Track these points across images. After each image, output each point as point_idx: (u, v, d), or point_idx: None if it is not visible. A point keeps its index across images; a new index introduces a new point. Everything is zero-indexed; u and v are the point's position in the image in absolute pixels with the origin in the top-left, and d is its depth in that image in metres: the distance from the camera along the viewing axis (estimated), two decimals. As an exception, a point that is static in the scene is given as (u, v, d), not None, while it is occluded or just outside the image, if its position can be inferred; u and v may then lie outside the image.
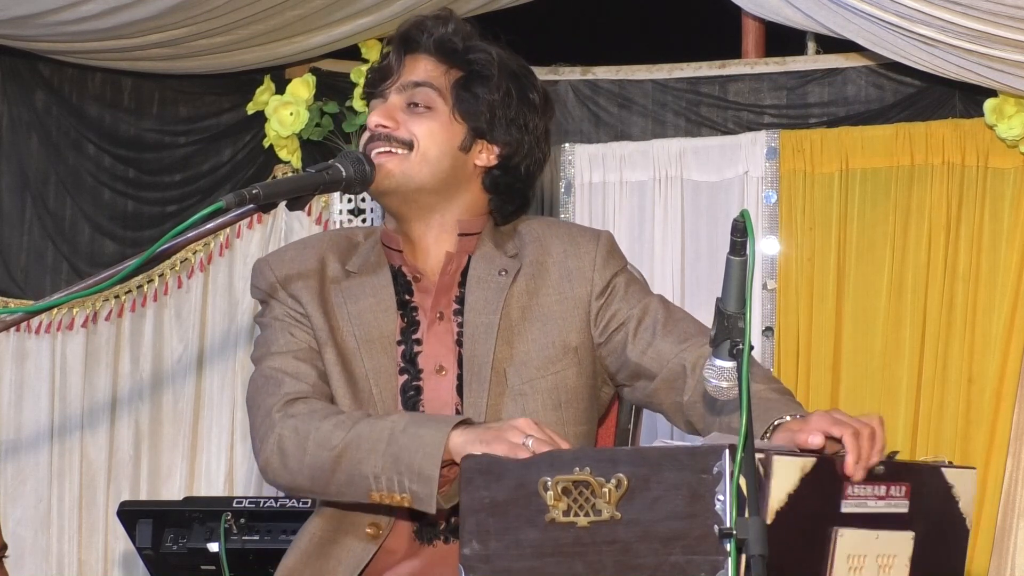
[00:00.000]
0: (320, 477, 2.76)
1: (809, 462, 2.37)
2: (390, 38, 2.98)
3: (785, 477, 2.33)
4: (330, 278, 2.92)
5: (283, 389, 2.84)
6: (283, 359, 2.87)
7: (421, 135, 2.87)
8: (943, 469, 2.59)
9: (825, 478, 2.40)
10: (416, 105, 2.89)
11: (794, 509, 2.33)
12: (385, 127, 2.87)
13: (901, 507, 2.50)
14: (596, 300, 2.90)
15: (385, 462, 2.69)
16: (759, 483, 2.29)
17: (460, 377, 2.85)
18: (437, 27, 2.93)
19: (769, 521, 2.30)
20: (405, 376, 2.86)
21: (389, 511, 2.80)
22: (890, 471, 2.49)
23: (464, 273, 2.91)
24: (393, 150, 2.86)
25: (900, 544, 2.49)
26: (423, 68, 2.91)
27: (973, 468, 2.69)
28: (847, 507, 2.43)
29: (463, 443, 2.62)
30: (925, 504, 2.53)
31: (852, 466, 2.43)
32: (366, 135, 2.90)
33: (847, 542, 2.41)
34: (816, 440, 2.46)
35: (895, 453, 2.54)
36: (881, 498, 2.47)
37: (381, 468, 2.70)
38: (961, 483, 2.61)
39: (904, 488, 2.50)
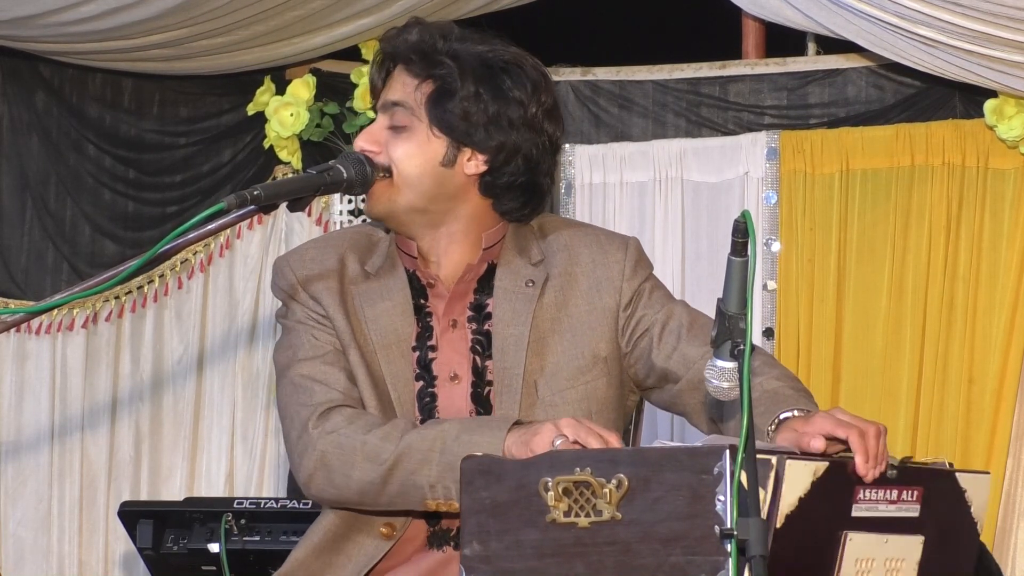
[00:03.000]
0: (370, 491, 2.76)
1: (821, 466, 2.36)
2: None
3: (797, 481, 2.32)
4: (349, 279, 2.91)
5: (315, 399, 2.83)
6: (311, 365, 2.86)
7: (398, 159, 2.85)
8: (957, 474, 2.58)
9: (837, 482, 2.39)
10: (396, 127, 2.88)
11: (804, 513, 2.33)
12: (368, 151, 2.87)
13: (912, 511, 2.50)
14: (624, 311, 2.89)
15: (441, 471, 2.70)
16: (774, 487, 2.29)
17: (474, 385, 2.86)
18: (401, 39, 2.89)
19: (779, 524, 2.29)
20: (421, 383, 2.86)
21: (406, 512, 2.81)
22: (903, 475, 2.48)
23: (480, 281, 2.91)
24: (381, 177, 2.85)
25: (909, 548, 2.49)
26: (399, 85, 2.88)
27: (987, 473, 2.68)
28: (858, 511, 2.42)
29: (510, 445, 2.63)
30: (936, 508, 2.53)
31: (863, 466, 2.42)
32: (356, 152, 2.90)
33: (856, 546, 2.40)
34: (817, 444, 2.46)
35: (909, 458, 2.53)
36: (892, 502, 2.47)
37: (437, 477, 2.70)
38: (974, 488, 2.60)
39: (916, 492, 2.49)
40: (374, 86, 2.92)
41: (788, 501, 2.31)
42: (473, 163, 2.88)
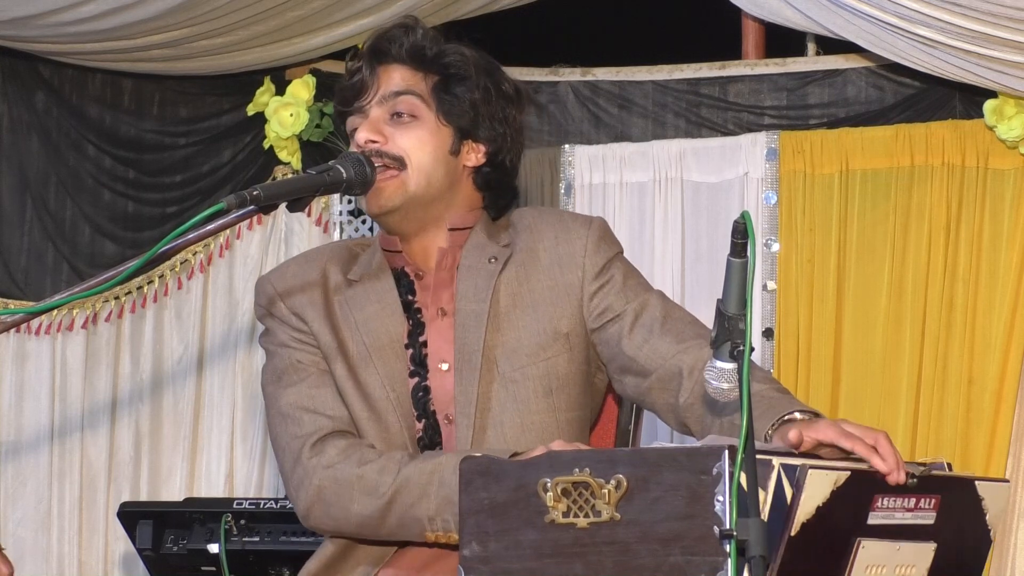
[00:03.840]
0: (369, 524, 2.78)
1: (842, 476, 2.35)
2: (357, 54, 2.96)
3: (817, 490, 2.31)
4: (333, 289, 2.92)
5: (304, 428, 2.84)
6: (296, 392, 2.87)
7: (411, 148, 2.86)
8: (977, 482, 2.57)
9: (856, 491, 2.37)
10: (400, 115, 2.88)
11: (820, 521, 2.32)
12: (374, 142, 2.86)
13: (927, 519, 2.48)
14: (589, 284, 2.88)
15: (439, 504, 2.72)
16: (792, 496, 2.28)
17: None
18: (405, 36, 2.91)
19: (793, 533, 2.29)
20: (415, 378, 2.87)
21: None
22: (923, 483, 2.47)
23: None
24: (387, 165, 2.85)
25: (920, 555, 2.48)
26: (399, 77, 2.89)
27: (1007, 481, 2.67)
28: (874, 519, 2.41)
29: None
30: (952, 516, 2.51)
31: (883, 466, 2.40)
32: (356, 151, 2.89)
33: (868, 553, 2.39)
34: (792, 437, 2.44)
35: (931, 467, 2.52)
36: (909, 510, 2.46)
37: (436, 510, 2.72)
38: (993, 496, 2.58)
39: (934, 500, 2.48)
40: (362, 84, 2.91)
41: (805, 510, 2.30)
42: (473, 155, 2.91)
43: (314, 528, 2.84)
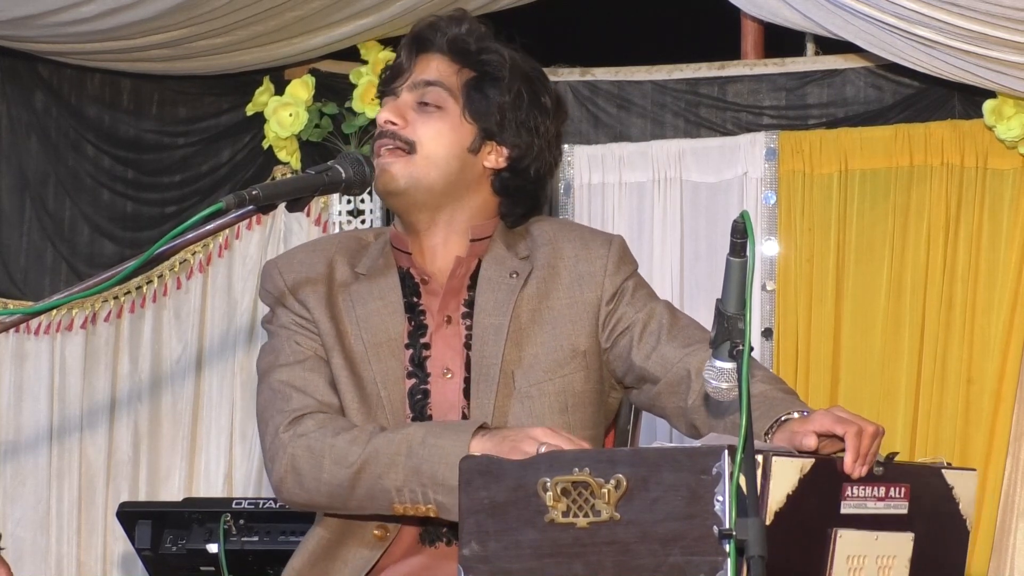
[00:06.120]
0: (339, 494, 2.77)
1: (808, 463, 2.37)
2: (404, 38, 2.98)
3: (784, 478, 2.33)
4: (338, 282, 2.92)
5: (291, 405, 2.84)
6: (290, 371, 2.88)
7: (426, 136, 2.88)
8: (944, 470, 2.59)
9: (824, 479, 2.40)
10: (427, 104, 2.89)
11: (793, 510, 2.33)
12: (393, 123, 2.88)
13: (900, 508, 2.50)
14: (606, 305, 2.90)
15: (407, 475, 2.71)
16: (761, 485, 2.29)
17: (467, 380, 2.86)
18: (451, 27, 2.93)
19: (768, 522, 2.30)
20: (413, 380, 2.87)
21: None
22: (890, 472, 2.49)
23: (473, 277, 2.91)
24: (399, 147, 2.86)
25: (900, 545, 2.49)
26: (435, 67, 2.91)
27: (974, 469, 2.69)
28: (847, 508, 2.43)
29: (482, 451, 2.63)
30: (925, 505, 2.53)
31: (851, 464, 2.44)
32: (377, 130, 2.91)
33: (846, 543, 2.41)
34: (808, 442, 2.46)
35: (895, 454, 2.54)
36: (880, 499, 2.47)
37: (403, 481, 2.72)
38: (962, 484, 2.61)
39: (903, 489, 2.50)
40: (399, 69, 2.92)
41: (776, 499, 2.32)
42: (494, 157, 2.92)
43: (287, 500, 2.84)
